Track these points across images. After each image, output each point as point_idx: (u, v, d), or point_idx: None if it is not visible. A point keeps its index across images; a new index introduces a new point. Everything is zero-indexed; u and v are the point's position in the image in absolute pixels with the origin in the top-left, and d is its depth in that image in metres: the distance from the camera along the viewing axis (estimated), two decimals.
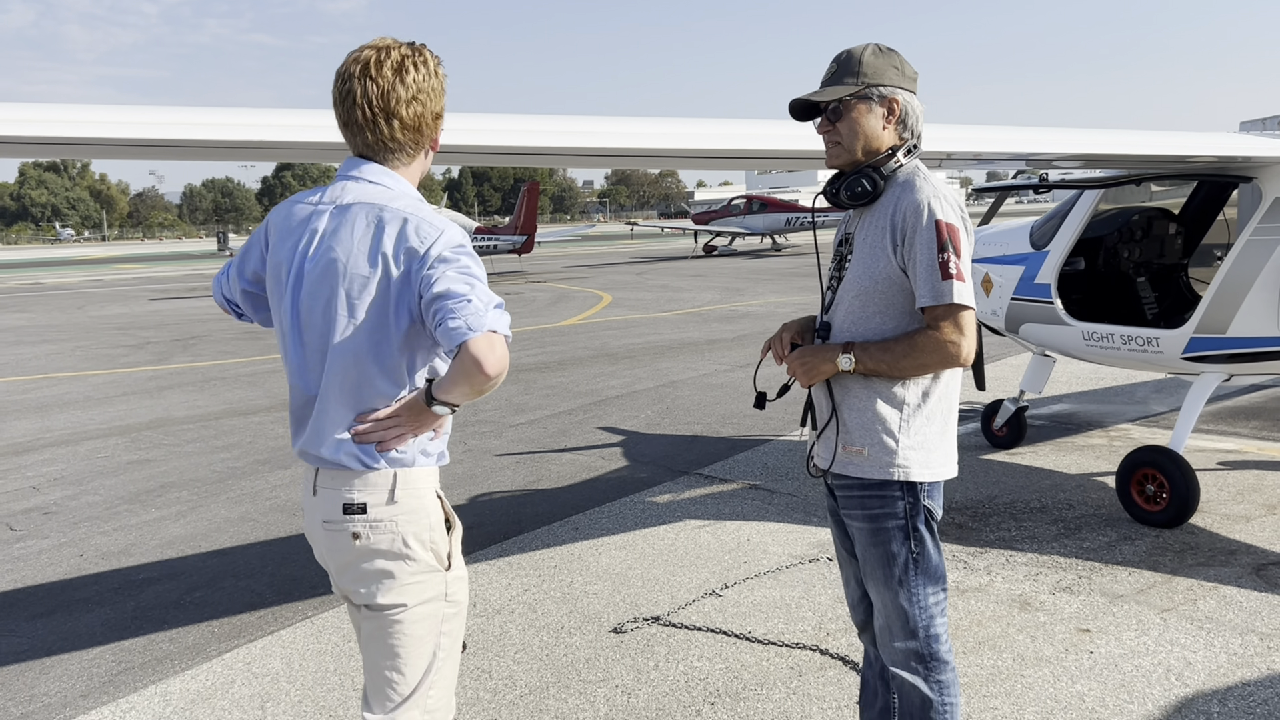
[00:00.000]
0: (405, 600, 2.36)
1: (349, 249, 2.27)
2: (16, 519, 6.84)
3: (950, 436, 2.75)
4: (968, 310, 2.55)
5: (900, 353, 2.60)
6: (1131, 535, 5.51)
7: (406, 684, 2.41)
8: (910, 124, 2.73)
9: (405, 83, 2.31)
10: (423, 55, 2.37)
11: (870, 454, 2.69)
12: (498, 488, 7.08)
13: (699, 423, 8.88)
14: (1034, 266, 6.64)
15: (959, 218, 2.59)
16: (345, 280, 2.26)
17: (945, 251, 2.54)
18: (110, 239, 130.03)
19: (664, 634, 4.50)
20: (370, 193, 2.32)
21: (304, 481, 2.45)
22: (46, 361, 15.34)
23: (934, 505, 2.74)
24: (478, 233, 32.27)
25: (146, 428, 9.82)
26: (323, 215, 2.33)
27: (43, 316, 23.82)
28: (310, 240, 2.33)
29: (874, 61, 2.69)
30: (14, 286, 37.53)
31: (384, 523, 2.33)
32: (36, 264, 59.71)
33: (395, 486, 2.33)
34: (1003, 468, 7.00)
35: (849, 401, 2.71)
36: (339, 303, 2.28)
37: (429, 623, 2.41)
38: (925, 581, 2.73)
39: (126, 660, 4.52)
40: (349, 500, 2.32)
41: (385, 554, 2.34)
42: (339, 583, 2.45)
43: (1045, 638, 4.30)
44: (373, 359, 2.28)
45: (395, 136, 2.34)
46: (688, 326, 16.38)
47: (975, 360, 7.87)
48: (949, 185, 2.66)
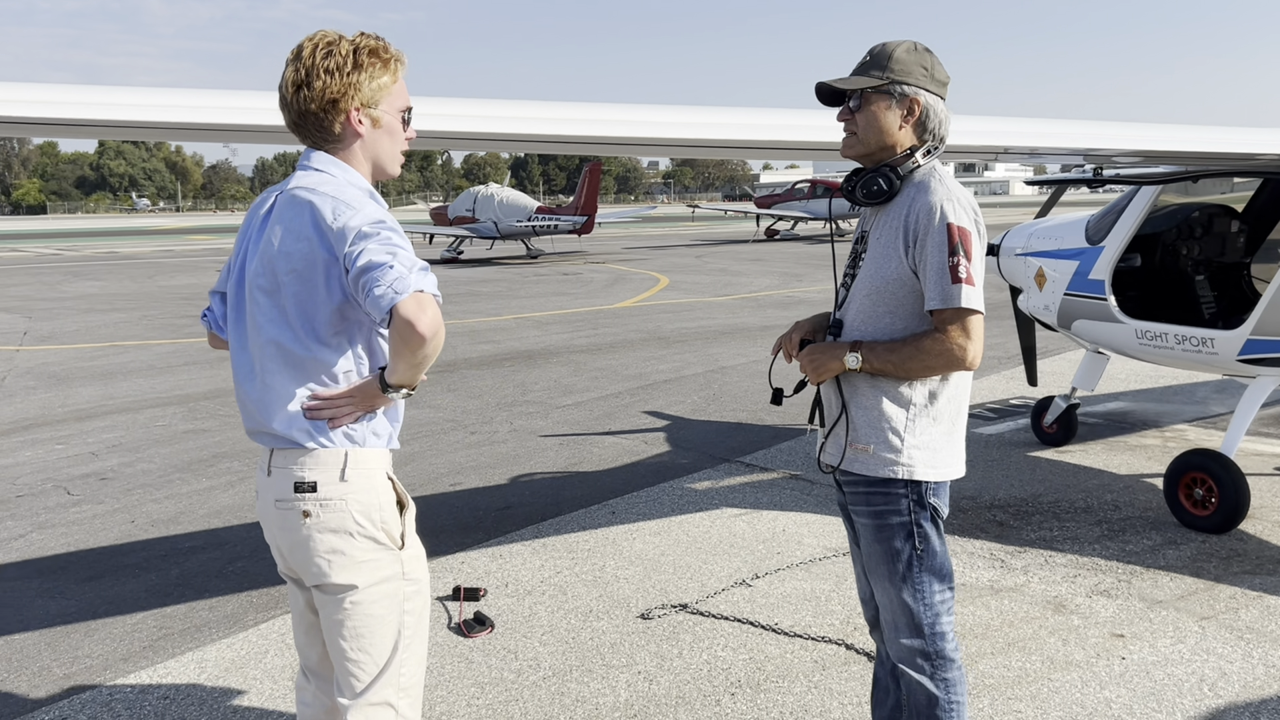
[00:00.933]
0: (358, 579, 2.40)
1: (280, 232, 2.33)
2: (74, 484, 7.05)
3: (958, 437, 2.76)
4: (976, 315, 2.56)
5: (907, 354, 2.61)
6: (1177, 540, 5.40)
7: (373, 664, 2.45)
8: (931, 126, 2.71)
9: (298, 67, 2.36)
10: (335, 44, 2.37)
11: (875, 452, 2.70)
12: (539, 469, 7.14)
13: (745, 410, 8.86)
14: (1088, 262, 6.50)
15: (972, 221, 2.58)
16: (279, 261, 2.32)
17: (956, 255, 2.53)
18: (184, 210, 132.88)
19: (690, 622, 4.51)
20: (311, 180, 2.37)
21: (259, 463, 2.48)
22: (114, 329, 15.75)
23: (940, 504, 2.75)
24: (539, 212, 32.36)
25: (204, 397, 10.05)
26: (268, 200, 2.43)
27: (114, 285, 24.44)
28: (259, 227, 2.42)
29: (904, 58, 2.67)
30: (90, 255, 38.53)
31: (334, 501, 2.37)
32: (112, 233, 61.21)
33: (346, 465, 2.37)
34: (1050, 466, 6.88)
35: (857, 399, 2.72)
36: (274, 283, 2.34)
37: (388, 602, 2.45)
38: (930, 579, 2.74)
39: (167, 626, 4.65)
40: (300, 478, 2.37)
41: (336, 531, 2.38)
42: (290, 563, 2.49)
43: (1077, 641, 4.23)
44: (311, 336, 2.33)
45: (295, 120, 2.41)
46: (742, 312, 16.32)
47: (1027, 355, 7.83)
48: (965, 189, 2.65)
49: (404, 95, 2.48)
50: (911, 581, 2.73)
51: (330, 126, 2.38)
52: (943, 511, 2.76)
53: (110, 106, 3.43)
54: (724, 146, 4.85)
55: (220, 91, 3.66)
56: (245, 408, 2.45)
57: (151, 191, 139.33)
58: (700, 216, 65.52)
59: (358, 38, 2.40)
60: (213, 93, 3.62)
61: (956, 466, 2.76)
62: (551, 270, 26.57)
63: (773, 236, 39.96)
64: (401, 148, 2.52)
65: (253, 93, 3.58)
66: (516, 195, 33.47)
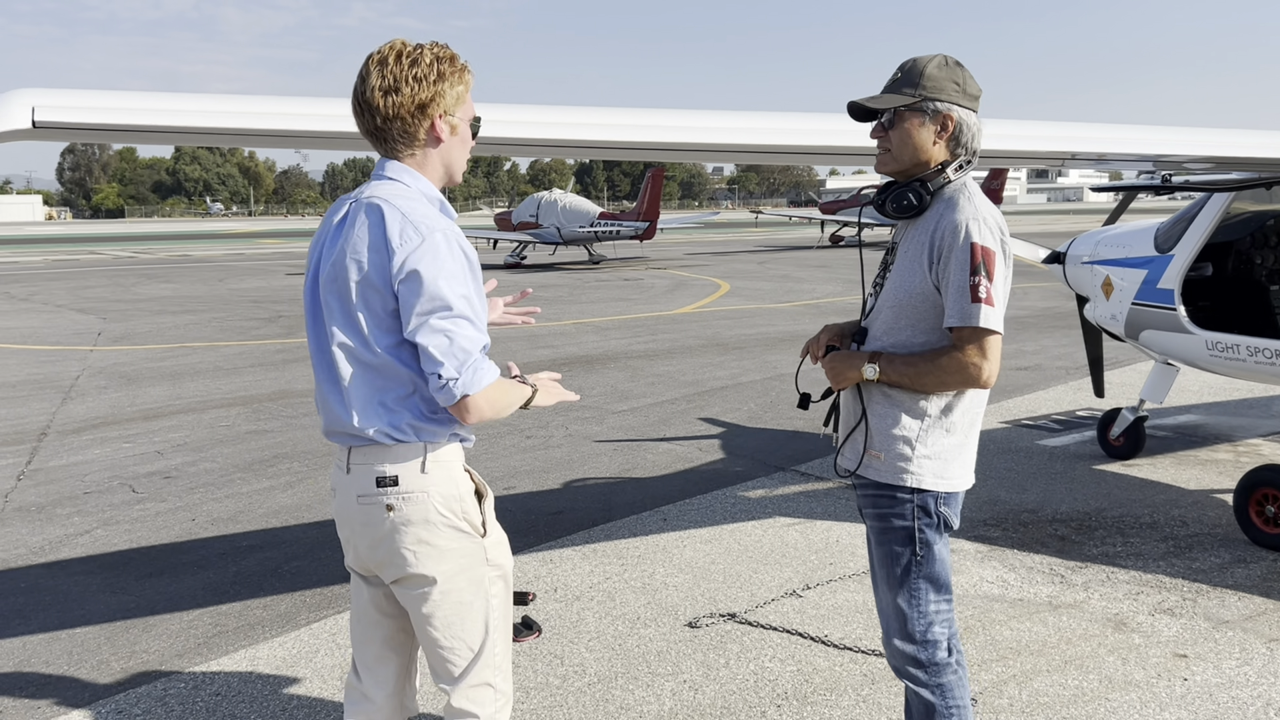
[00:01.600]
0: (443, 568, 2.46)
1: (351, 240, 2.38)
2: (139, 481, 7.20)
3: (969, 449, 2.78)
4: (993, 335, 2.58)
5: (923, 369, 2.64)
6: (1246, 558, 5.22)
7: (468, 649, 2.53)
8: (964, 141, 2.72)
9: (384, 73, 2.39)
10: (418, 50, 2.42)
11: (887, 459, 2.74)
12: (592, 474, 7.13)
13: (801, 418, 8.77)
14: (1157, 271, 6.33)
15: (996, 241, 2.59)
16: (346, 266, 2.36)
17: (977, 274, 2.54)
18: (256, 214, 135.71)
19: (739, 631, 4.46)
20: (386, 189, 2.42)
21: (336, 462, 2.54)
22: (184, 331, 16.10)
23: (949, 513, 2.76)
24: (601, 218, 32.47)
25: (268, 399, 10.22)
26: (343, 207, 2.47)
27: (186, 287, 25.01)
28: (335, 233, 2.45)
29: (936, 74, 2.68)
30: (164, 257, 39.51)
31: (415, 494, 2.42)
32: (186, 236, 62.74)
33: (425, 459, 2.43)
34: (1115, 479, 6.71)
35: (874, 407, 2.75)
36: (342, 287, 2.38)
37: (474, 588, 2.52)
38: (927, 587, 2.77)
39: (222, 624, 4.72)
40: (381, 474, 2.42)
41: (420, 523, 2.43)
42: (370, 559, 2.52)
43: (1138, 661, 4.11)
44: (380, 341, 2.38)
45: (379, 126, 2.44)
46: (803, 319, 16.20)
47: (1094, 366, 7.65)
48: (993, 207, 2.67)
49: (472, 105, 2.57)
50: (907, 587, 2.77)
51: (416, 132, 2.44)
52: (952, 522, 2.78)
53: (188, 114, 3.50)
54: (788, 152, 4.81)
55: (293, 98, 3.72)
56: (324, 407, 2.50)
57: (225, 196, 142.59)
58: (764, 222, 65.22)
59: (433, 47, 2.45)
60: (285, 99, 3.68)
61: (966, 477, 2.78)
62: (613, 276, 26.62)
63: (837, 243, 39.64)
64: (468, 156, 2.60)
65: (324, 99, 3.66)
66: (579, 201, 33.62)
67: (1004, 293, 2.60)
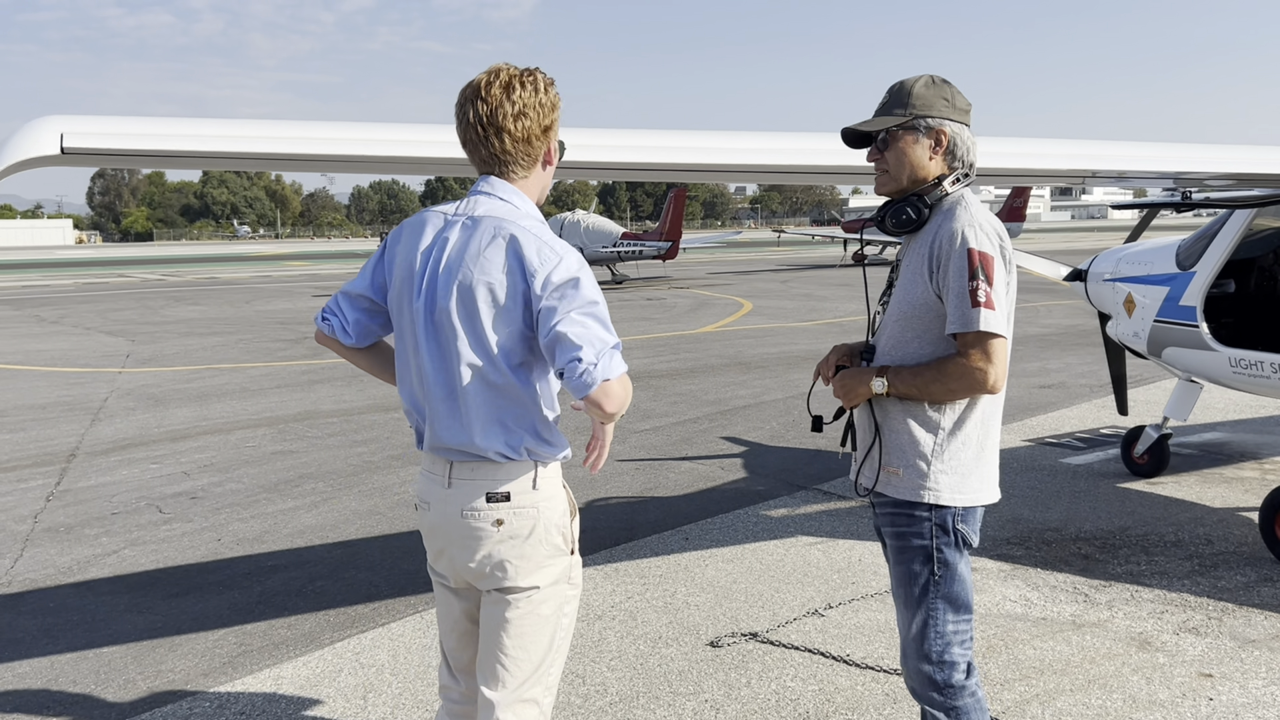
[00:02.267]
0: (539, 581, 2.54)
1: (476, 258, 2.43)
2: (166, 502, 7.28)
3: (987, 461, 2.76)
4: (996, 339, 2.58)
5: (930, 378, 2.65)
6: (1273, 576, 5.17)
7: (530, 662, 2.58)
8: (960, 154, 2.77)
9: (512, 99, 2.48)
10: (532, 76, 2.53)
11: (904, 475, 2.74)
12: (615, 493, 7.15)
13: (824, 437, 8.66)
14: (1179, 288, 6.31)
15: (994, 246, 2.61)
16: (474, 287, 2.42)
17: (976, 279, 2.56)
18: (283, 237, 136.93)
19: (760, 651, 4.46)
20: (499, 209, 2.49)
21: (430, 476, 2.59)
22: (211, 353, 16.27)
23: (967, 530, 2.74)
24: (624, 238, 32.63)
25: (294, 420, 10.31)
26: (454, 226, 2.51)
27: (213, 310, 25.26)
28: (443, 248, 2.49)
29: (924, 93, 2.74)
30: (191, 280, 39.92)
31: (526, 509, 2.51)
32: (214, 259, 63.35)
33: (536, 476, 2.51)
34: (1140, 497, 6.66)
35: (888, 423, 2.77)
36: (470, 307, 2.43)
37: (553, 603, 2.59)
38: (945, 607, 2.75)
39: (246, 643, 4.76)
40: (493, 490, 2.49)
41: (525, 538, 2.51)
42: (468, 571, 2.56)
43: (1162, 680, 4.08)
44: (506, 362, 2.44)
45: (507, 149, 2.51)
46: (826, 338, 16.18)
47: (1117, 384, 7.61)
48: (991, 215, 2.70)
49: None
50: (926, 606, 2.76)
51: (536, 154, 2.55)
52: (971, 539, 2.76)
53: (214, 139, 3.56)
54: (810, 172, 4.85)
55: (319, 123, 3.76)
56: (435, 423, 2.52)
57: (252, 219, 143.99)
58: (786, 241, 65.20)
59: (539, 73, 2.56)
60: (312, 124, 3.72)
61: (986, 492, 2.76)
62: (636, 295, 26.68)
63: (860, 261, 39.57)
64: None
65: (350, 124, 3.71)
66: (602, 221, 33.78)
67: (1006, 297, 2.62)
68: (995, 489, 2.79)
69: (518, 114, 2.48)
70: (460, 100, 2.53)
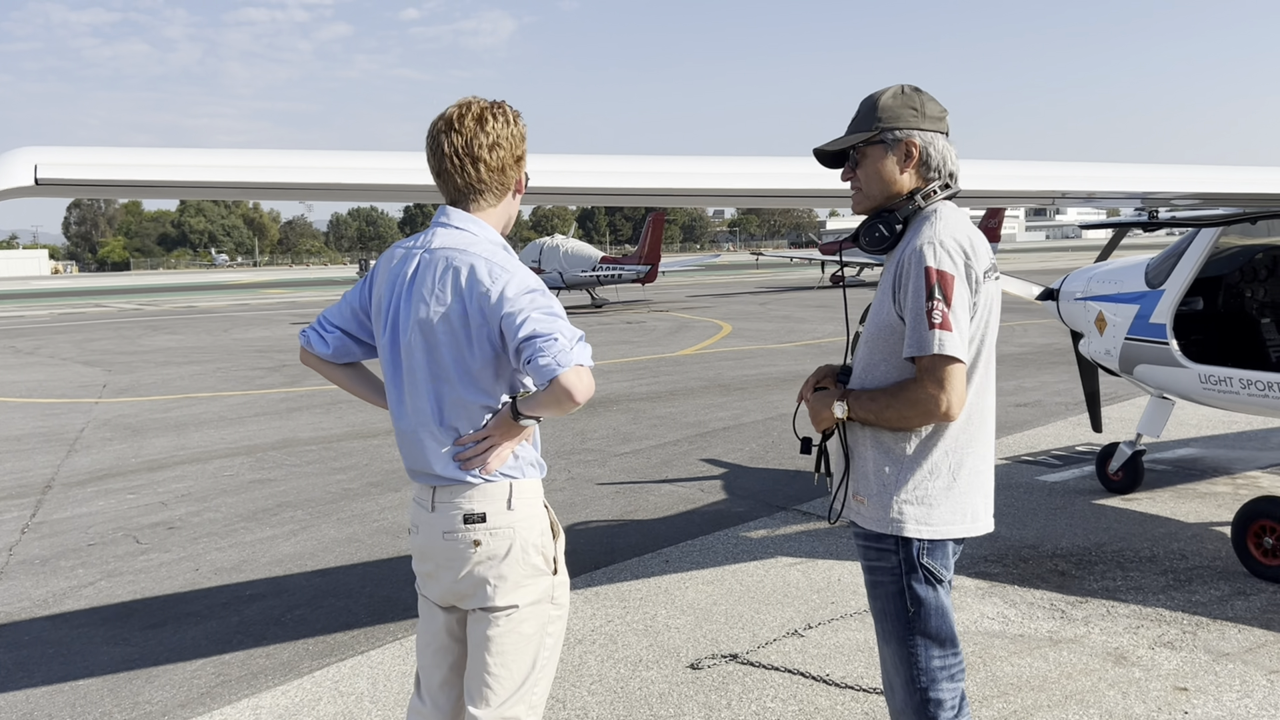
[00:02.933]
0: (518, 600, 2.58)
1: (432, 289, 2.51)
2: (143, 532, 7.23)
3: (961, 491, 2.60)
4: (952, 363, 2.46)
5: (884, 403, 2.56)
6: (1246, 590, 5.23)
7: (512, 680, 2.61)
8: (934, 164, 2.63)
9: (485, 130, 2.56)
10: (501, 108, 2.62)
11: (870, 504, 2.65)
12: (595, 517, 7.16)
13: (804, 457, 8.75)
14: (1149, 306, 6.39)
15: (958, 264, 2.49)
16: (432, 318, 2.50)
17: (933, 299, 2.45)
18: (261, 264, 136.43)
19: (740, 672, 4.47)
20: (455, 239, 2.56)
21: (418, 500, 2.66)
22: (189, 382, 16.18)
23: (934, 565, 2.60)
24: (603, 262, 32.70)
25: (272, 448, 10.26)
26: (414, 258, 2.59)
27: (191, 338, 25.14)
28: (403, 282, 2.58)
29: (890, 104, 2.63)
30: (169, 309, 39.72)
31: (502, 529, 2.56)
32: (191, 288, 63.06)
33: (511, 495, 2.57)
34: (1115, 514, 6.72)
35: (857, 449, 2.69)
36: (431, 338, 2.52)
37: (535, 622, 2.62)
38: (926, 643, 2.62)
39: (225, 673, 4.73)
40: (469, 511, 2.55)
41: (503, 558, 2.56)
42: (453, 591, 2.61)
43: (1138, 695, 4.11)
44: (464, 385, 2.51)
45: (482, 178, 2.59)
46: (805, 359, 16.25)
47: (1090, 401, 7.68)
48: (965, 229, 2.56)
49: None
50: (905, 643, 2.63)
51: (508, 184, 2.63)
52: (938, 574, 2.61)
53: (188, 168, 3.58)
54: (787, 195, 4.89)
55: (297, 151, 3.80)
56: (411, 449, 2.61)
57: (230, 247, 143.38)
58: (764, 264, 65.48)
59: (506, 105, 2.64)
60: (290, 153, 3.76)
61: (958, 524, 2.60)
62: (615, 319, 26.74)
63: (838, 283, 39.73)
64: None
65: (328, 152, 3.74)
66: (581, 246, 33.86)
67: (968, 318, 2.50)
68: (974, 521, 2.63)
69: (492, 144, 2.56)
70: (433, 132, 2.59)
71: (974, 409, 2.60)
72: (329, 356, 2.77)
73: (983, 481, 2.66)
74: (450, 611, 2.70)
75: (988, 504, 2.69)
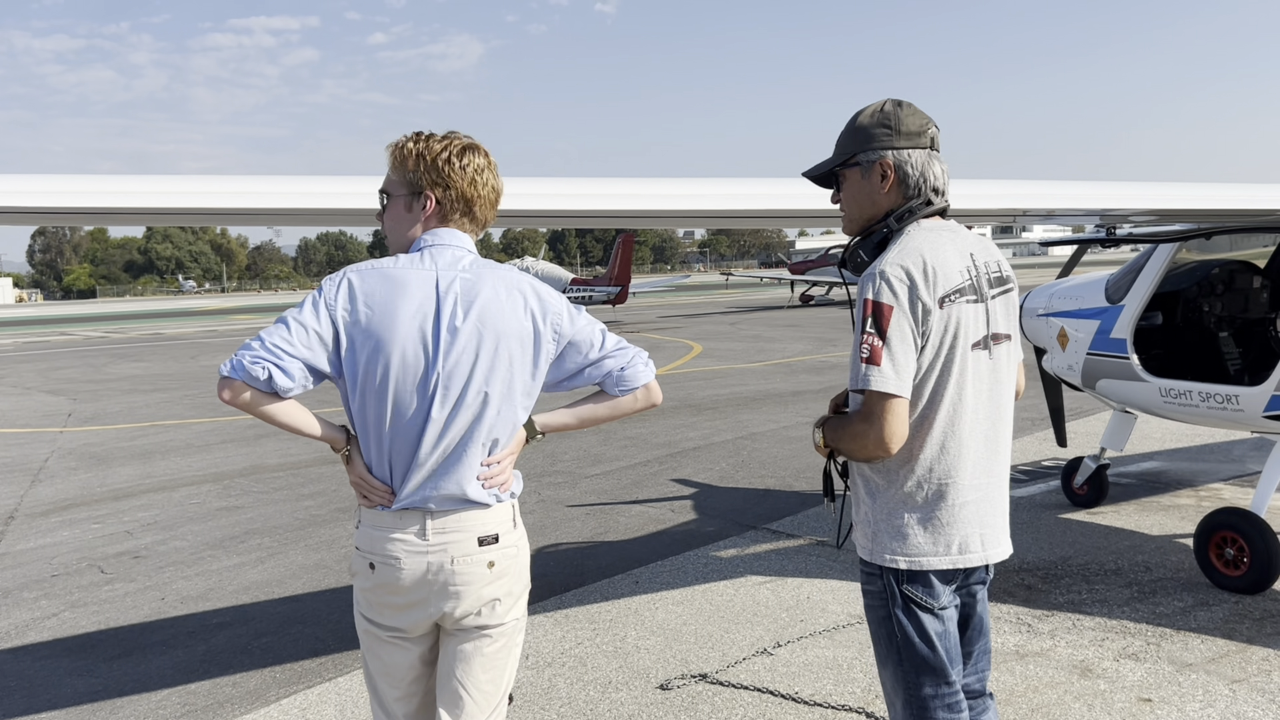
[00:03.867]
0: (519, 614, 2.67)
1: (496, 310, 2.54)
2: (108, 562, 7.15)
3: (942, 524, 2.54)
4: (883, 398, 2.39)
5: (838, 434, 2.56)
6: (1209, 601, 5.29)
7: (497, 693, 2.66)
8: (912, 182, 2.57)
9: (488, 169, 2.68)
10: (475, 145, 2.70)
11: (859, 531, 2.66)
12: (565, 539, 7.15)
13: (773, 476, 8.83)
14: (1109, 321, 6.48)
15: (896, 295, 2.42)
16: (494, 339, 2.53)
17: (865, 332, 2.42)
18: (229, 290, 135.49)
19: (710, 692, 4.48)
20: (481, 261, 2.63)
21: (395, 534, 2.52)
22: (156, 409, 16.03)
23: (917, 594, 2.56)
24: (574, 284, 32.81)
25: (239, 474, 10.18)
26: (450, 280, 2.54)
27: (158, 366, 24.91)
28: (447, 303, 2.51)
29: (865, 124, 2.60)
30: (136, 337, 39.33)
31: (512, 547, 2.61)
32: (158, 315, 62.49)
33: (515, 515, 2.65)
34: (1080, 527, 6.79)
35: (850, 477, 2.69)
36: (491, 357, 2.53)
37: (521, 634, 2.72)
38: (915, 671, 2.58)
39: (191, 703, 4.68)
40: (483, 534, 2.56)
41: (513, 575, 2.62)
42: (449, 616, 2.56)
43: (1103, 707, 4.15)
44: (524, 403, 2.62)
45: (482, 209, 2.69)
46: (774, 378, 16.32)
47: (1055, 416, 7.76)
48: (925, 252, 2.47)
49: None
50: (897, 667, 2.61)
51: (492, 215, 2.73)
52: (924, 603, 2.56)
53: (159, 195, 3.57)
54: (756, 216, 4.94)
55: (264, 176, 3.79)
56: (423, 479, 2.51)
57: (197, 273, 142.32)
58: (734, 284, 65.73)
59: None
60: (257, 178, 3.76)
61: (938, 557, 2.54)
62: None
63: (808, 302, 40.01)
64: None
65: (296, 177, 3.74)
66: (551, 268, 33.95)
67: (906, 350, 2.42)
68: (961, 553, 2.56)
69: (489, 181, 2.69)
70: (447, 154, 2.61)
71: (948, 438, 2.51)
72: (292, 392, 2.51)
73: (973, 512, 2.57)
74: (424, 639, 2.66)
75: (987, 534, 2.61)
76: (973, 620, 2.75)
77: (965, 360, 2.51)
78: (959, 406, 2.51)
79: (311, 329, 2.50)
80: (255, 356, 2.45)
